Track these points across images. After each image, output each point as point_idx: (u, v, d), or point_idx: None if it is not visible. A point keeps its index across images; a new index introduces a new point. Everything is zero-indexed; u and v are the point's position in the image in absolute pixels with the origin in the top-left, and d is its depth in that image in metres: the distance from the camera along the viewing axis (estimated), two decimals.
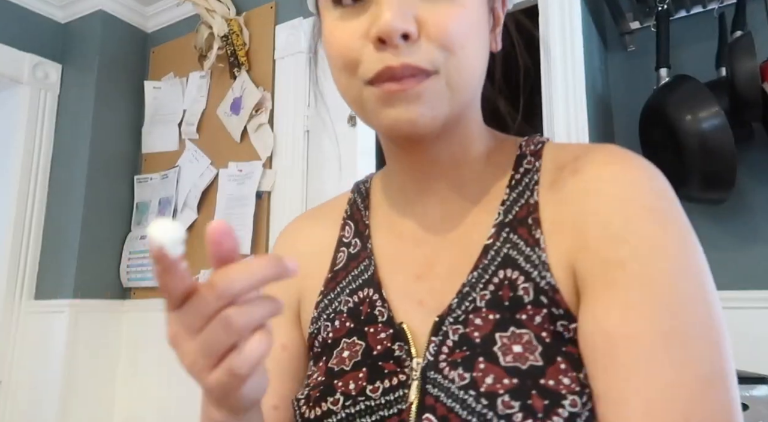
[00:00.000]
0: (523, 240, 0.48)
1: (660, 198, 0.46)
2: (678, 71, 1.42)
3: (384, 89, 0.45)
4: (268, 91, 1.93)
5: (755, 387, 1.06)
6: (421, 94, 0.45)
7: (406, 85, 0.44)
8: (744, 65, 1.23)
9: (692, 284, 0.42)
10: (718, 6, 1.47)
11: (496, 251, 0.49)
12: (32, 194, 2.11)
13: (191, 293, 0.36)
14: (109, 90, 2.18)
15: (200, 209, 2.02)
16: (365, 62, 0.46)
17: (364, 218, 0.59)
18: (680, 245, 0.44)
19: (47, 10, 2.24)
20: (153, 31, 2.35)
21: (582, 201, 0.47)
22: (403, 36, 0.43)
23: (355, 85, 0.47)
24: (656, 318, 0.41)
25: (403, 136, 0.49)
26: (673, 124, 1.29)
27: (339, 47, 0.47)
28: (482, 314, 0.46)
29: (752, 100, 1.23)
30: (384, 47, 0.44)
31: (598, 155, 0.49)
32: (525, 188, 0.51)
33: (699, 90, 1.28)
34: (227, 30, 1.96)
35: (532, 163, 0.53)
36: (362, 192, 0.62)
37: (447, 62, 0.45)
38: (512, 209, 0.51)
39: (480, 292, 0.48)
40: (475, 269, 0.49)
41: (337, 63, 0.48)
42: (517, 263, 0.48)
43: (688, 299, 0.42)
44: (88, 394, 1.98)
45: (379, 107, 0.46)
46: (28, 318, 2.04)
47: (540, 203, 0.50)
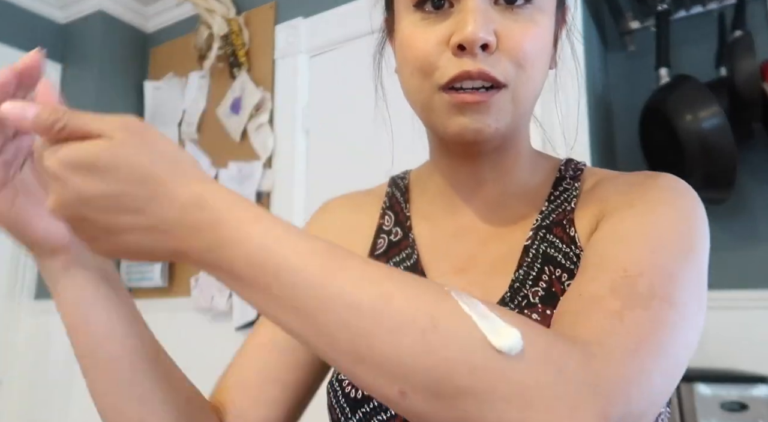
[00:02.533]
0: (559, 239, 0.52)
1: (687, 206, 0.48)
2: (678, 71, 1.42)
3: (458, 98, 0.47)
4: (268, 92, 1.93)
5: (755, 386, 1.06)
6: (490, 107, 0.47)
7: (479, 98, 0.46)
8: (744, 65, 1.24)
9: (686, 244, 0.44)
10: (718, 6, 1.47)
11: (536, 249, 0.52)
12: None
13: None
14: (109, 90, 2.18)
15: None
16: (442, 67, 0.47)
17: (404, 210, 0.61)
18: (690, 222, 0.46)
19: (47, 10, 2.24)
20: (153, 31, 2.35)
21: (610, 190, 0.52)
22: (482, 46, 0.46)
23: (428, 88, 0.49)
24: (644, 234, 0.44)
25: (466, 143, 0.50)
26: (673, 124, 1.29)
27: (417, 51, 0.49)
28: (539, 310, 0.48)
29: (752, 100, 1.24)
30: (462, 55, 0.46)
31: (638, 173, 0.53)
32: (563, 201, 0.55)
33: (699, 90, 1.28)
34: (227, 30, 1.96)
35: (571, 184, 0.56)
36: (400, 186, 0.64)
37: (517, 77, 0.47)
38: (550, 216, 0.54)
39: (531, 289, 0.49)
40: (520, 267, 0.51)
41: (412, 65, 0.49)
42: (557, 260, 0.50)
43: (677, 244, 0.43)
44: (88, 394, 1.97)
45: (449, 113, 0.48)
46: (28, 318, 2.04)
47: (576, 209, 0.53)
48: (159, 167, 0.35)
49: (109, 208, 0.35)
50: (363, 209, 0.63)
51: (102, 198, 0.35)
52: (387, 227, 0.60)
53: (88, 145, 0.34)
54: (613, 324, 0.37)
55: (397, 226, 0.60)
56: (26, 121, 0.36)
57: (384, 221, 0.61)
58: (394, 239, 0.59)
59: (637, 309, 0.38)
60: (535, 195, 0.56)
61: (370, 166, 1.13)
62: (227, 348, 2.17)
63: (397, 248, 0.58)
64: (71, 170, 0.34)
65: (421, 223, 0.59)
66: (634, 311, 0.38)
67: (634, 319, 0.37)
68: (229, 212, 0.35)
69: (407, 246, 0.57)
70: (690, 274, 0.42)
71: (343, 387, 0.51)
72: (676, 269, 0.42)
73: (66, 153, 0.35)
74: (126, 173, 0.34)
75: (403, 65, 0.52)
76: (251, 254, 0.34)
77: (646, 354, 0.36)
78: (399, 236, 0.59)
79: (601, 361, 0.34)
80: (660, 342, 0.37)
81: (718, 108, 1.24)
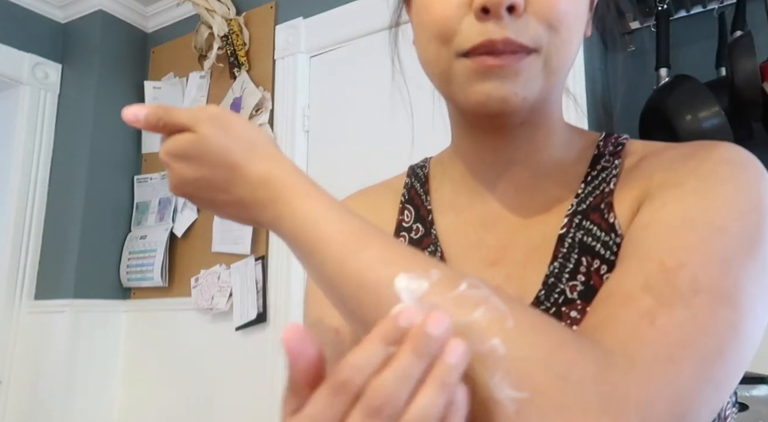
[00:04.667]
0: (596, 225, 0.46)
1: (750, 182, 0.40)
2: (678, 71, 1.42)
3: (480, 62, 0.42)
4: (268, 91, 1.93)
5: (755, 387, 1.06)
6: (519, 72, 0.42)
7: (505, 61, 0.41)
8: (744, 65, 1.23)
9: (747, 229, 0.37)
10: (718, 6, 1.47)
11: (572, 238, 0.46)
12: (32, 194, 2.11)
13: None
14: (109, 90, 2.18)
15: (200, 209, 2.02)
16: (463, 32, 0.42)
17: (425, 203, 0.56)
18: (753, 201, 0.39)
19: (47, 10, 2.24)
20: (153, 31, 2.35)
21: (656, 165, 0.45)
22: (509, 8, 0.40)
23: (446, 56, 0.44)
24: (692, 218, 0.37)
25: (490, 114, 0.45)
26: (674, 124, 1.29)
27: (435, 14, 0.44)
28: (577, 307, 0.43)
29: (752, 100, 1.23)
30: (486, 18, 0.41)
31: (689, 143, 0.46)
32: (602, 181, 0.49)
33: (699, 90, 1.28)
34: (227, 30, 1.96)
35: (611, 161, 0.50)
36: (420, 176, 0.59)
37: (550, 41, 0.42)
38: (586, 200, 0.48)
39: (568, 283, 0.44)
40: (555, 259, 0.46)
41: (430, 31, 0.45)
42: (594, 249, 0.45)
43: (734, 229, 0.37)
44: (88, 394, 1.97)
45: (470, 80, 0.43)
46: (28, 318, 2.04)
47: (615, 190, 0.47)
48: (235, 152, 0.40)
49: (204, 188, 0.42)
50: (378, 206, 0.59)
51: (198, 180, 0.42)
52: (407, 223, 0.56)
53: (181, 138, 0.41)
54: (642, 327, 0.32)
55: (418, 222, 0.55)
56: (139, 122, 0.42)
57: (404, 217, 0.56)
58: (415, 237, 0.55)
59: (675, 308, 0.32)
60: (571, 176, 0.50)
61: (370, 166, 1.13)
62: (227, 348, 2.17)
63: (419, 246, 0.54)
64: (172, 159, 0.42)
65: (444, 214, 0.55)
66: (672, 311, 0.32)
67: (669, 321, 0.32)
68: (285, 189, 0.39)
69: (429, 243, 0.53)
70: (750, 264, 0.35)
71: None
72: (732, 257, 0.35)
73: (167, 145, 0.42)
74: (209, 159, 0.41)
75: (421, 32, 0.47)
76: (296, 229, 0.38)
77: (683, 363, 0.31)
78: (420, 233, 0.55)
79: (621, 372, 0.30)
80: (704, 347, 0.32)
81: (718, 108, 1.23)
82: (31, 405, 1.96)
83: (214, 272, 1.91)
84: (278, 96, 1.91)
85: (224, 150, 0.40)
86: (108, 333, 2.06)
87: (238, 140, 0.41)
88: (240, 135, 0.41)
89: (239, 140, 0.41)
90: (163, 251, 2.03)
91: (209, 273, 1.92)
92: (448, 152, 0.58)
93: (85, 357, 1.98)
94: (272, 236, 1.82)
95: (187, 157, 0.41)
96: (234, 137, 0.41)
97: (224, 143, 0.40)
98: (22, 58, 2.12)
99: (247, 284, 1.82)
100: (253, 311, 1.78)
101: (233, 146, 0.41)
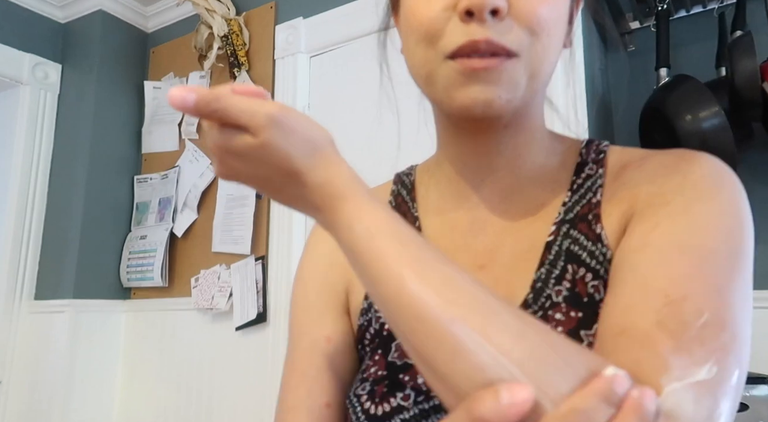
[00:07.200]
0: (584, 235, 0.47)
1: (731, 197, 0.43)
2: (678, 71, 1.42)
3: (464, 64, 0.43)
4: (268, 92, 1.93)
5: (755, 387, 1.06)
6: (501, 76, 0.44)
7: (488, 63, 0.43)
8: (744, 65, 1.23)
9: (732, 247, 0.40)
10: (718, 6, 1.47)
11: (559, 246, 0.48)
12: (32, 194, 2.11)
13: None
14: (109, 90, 2.18)
15: (200, 209, 2.02)
16: (448, 35, 0.44)
17: (411, 210, 0.57)
18: (735, 217, 0.42)
19: (47, 10, 2.24)
20: (153, 31, 2.35)
21: (640, 178, 0.47)
22: (492, 12, 0.42)
23: (432, 58, 0.46)
24: (683, 243, 0.40)
25: (475, 117, 0.46)
26: (673, 124, 1.29)
27: (422, 17, 0.45)
28: (562, 310, 0.45)
29: (752, 100, 1.23)
30: (470, 20, 0.43)
31: (667, 153, 0.48)
32: (587, 190, 0.50)
33: (699, 90, 1.28)
34: (227, 30, 1.96)
35: (594, 170, 0.51)
36: (406, 184, 0.60)
37: (531, 47, 0.44)
38: (573, 209, 0.50)
39: (554, 288, 0.46)
40: (542, 265, 0.48)
41: (417, 33, 0.46)
42: (580, 258, 0.47)
43: (722, 250, 0.40)
44: (88, 394, 1.97)
45: (456, 83, 0.44)
46: (28, 318, 2.04)
47: (602, 201, 0.49)
48: (295, 159, 0.40)
49: (258, 184, 0.42)
50: None
51: (251, 178, 0.41)
52: None
53: (239, 140, 0.39)
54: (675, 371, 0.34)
55: None
56: (187, 107, 0.40)
57: None
58: None
59: (693, 346, 0.35)
60: (554, 181, 0.52)
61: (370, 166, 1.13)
62: (227, 348, 2.17)
63: None
64: (226, 153, 0.40)
65: (431, 219, 0.56)
66: (692, 350, 0.35)
67: (691, 361, 0.35)
68: (341, 199, 0.39)
69: None
70: (738, 284, 0.39)
71: (362, 402, 0.49)
72: (724, 282, 0.38)
73: (222, 139, 0.40)
74: (269, 165, 0.40)
75: (408, 36, 0.48)
76: (351, 241, 0.39)
77: (709, 400, 0.34)
78: None
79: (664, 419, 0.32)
80: (722, 379, 0.35)
81: (718, 108, 1.23)
82: (31, 405, 1.96)
83: (214, 272, 1.91)
84: (278, 96, 1.91)
85: (285, 157, 0.39)
86: (108, 333, 2.06)
87: (299, 145, 0.40)
88: (301, 140, 0.40)
89: (300, 146, 0.40)
90: (163, 251, 2.03)
91: (209, 273, 1.92)
92: (433, 158, 0.59)
93: (85, 357, 1.98)
94: (272, 236, 1.82)
95: (245, 158, 0.40)
96: (294, 143, 0.40)
97: (285, 150, 0.39)
98: (22, 58, 2.12)
99: (247, 284, 1.82)
100: (253, 312, 1.78)
101: (294, 152, 0.39)
